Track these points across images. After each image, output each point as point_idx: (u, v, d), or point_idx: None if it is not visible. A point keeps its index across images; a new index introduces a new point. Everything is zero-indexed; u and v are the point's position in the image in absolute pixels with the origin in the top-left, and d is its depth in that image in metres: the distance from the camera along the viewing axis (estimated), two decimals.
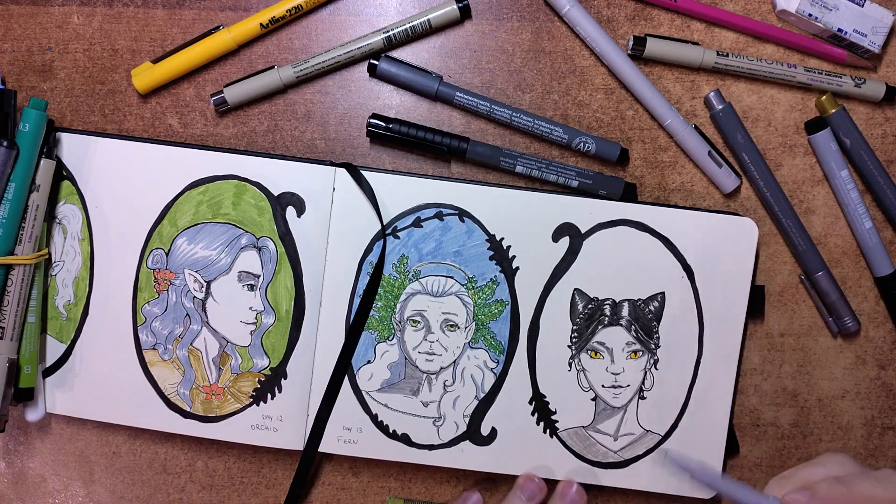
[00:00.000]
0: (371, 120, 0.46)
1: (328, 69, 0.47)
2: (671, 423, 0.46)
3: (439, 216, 0.45)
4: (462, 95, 0.46)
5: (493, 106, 0.46)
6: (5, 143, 0.41)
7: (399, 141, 0.46)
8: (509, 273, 0.46)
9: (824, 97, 0.46)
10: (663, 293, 0.45)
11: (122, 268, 0.46)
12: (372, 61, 0.46)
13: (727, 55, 0.46)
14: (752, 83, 0.47)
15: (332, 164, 0.45)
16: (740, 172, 0.47)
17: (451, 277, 0.46)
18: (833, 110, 0.46)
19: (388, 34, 0.46)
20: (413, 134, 0.45)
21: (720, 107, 0.46)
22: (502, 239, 0.45)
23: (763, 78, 0.46)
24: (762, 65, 0.46)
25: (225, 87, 0.46)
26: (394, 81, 0.47)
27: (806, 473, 0.38)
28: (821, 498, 0.35)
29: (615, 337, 0.46)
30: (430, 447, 0.46)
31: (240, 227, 0.46)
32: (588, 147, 0.46)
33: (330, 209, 0.45)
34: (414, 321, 0.46)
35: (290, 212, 0.45)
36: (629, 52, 0.46)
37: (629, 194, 0.46)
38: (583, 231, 0.45)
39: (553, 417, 0.46)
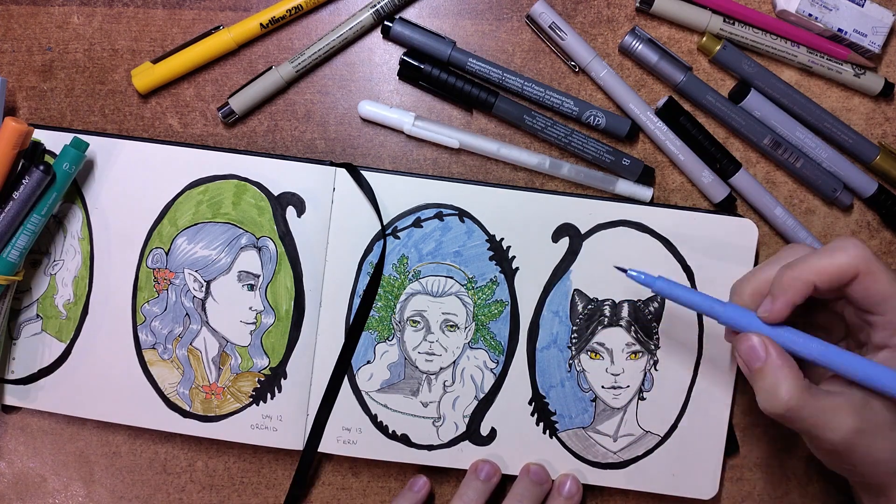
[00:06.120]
0: (404, 57, 0.46)
1: (325, 56, 0.46)
2: (671, 424, 0.46)
3: (439, 216, 0.45)
4: (475, 62, 0.46)
5: (505, 74, 0.46)
6: (41, 168, 0.41)
7: (428, 81, 0.46)
8: (509, 273, 0.46)
9: (704, 38, 0.46)
10: None
11: (122, 267, 0.46)
12: (386, 23, 0.46)
13: (733, 23, 0.46)
14: (753, 57, 0.47)
15: (332, 164, 0.45)
16: (729, 187, 0.47)
17: (451, 278, 0.46)
18: (717, 47, 0.46)
19: (375, 7, 0.46)
20: (443, 79, 0.45)
21: (638, 46, 0.46)
22: (502, 239, 0.45)
23: (765, 52, 0.46)
24: (766, 38, 0.46)
25: (229, 97, 0.46)
26: (407, 44, 0.46)
27: (766, 268, 0.39)
28: (780, 289, 0.36)
29: (615, 338, 0.46)
30: (430, 447, 0.46)
31: (240, 227, 0.46)
32: (598, 121, 0.46)
33: (330, 209, 0.45)
34: (414, 321, 0.46)
35: (290, 212, 0.45)
36: (637, 4, 0.46)
37: (646, 177, 0.46)
38: (582, 231, 0.45)
39: (553, 418, 0.46)
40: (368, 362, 0.46)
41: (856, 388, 0.36)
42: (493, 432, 0.46)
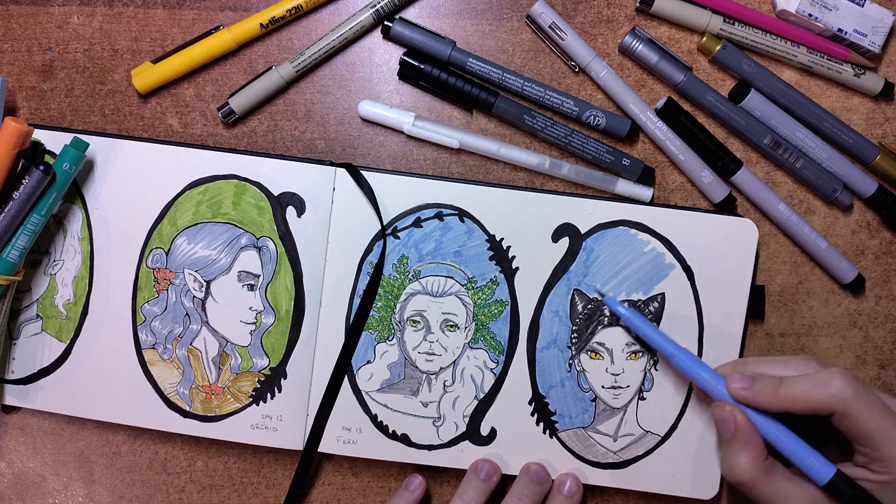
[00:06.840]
0: (404, 57, 0.46)
1: (325, 56, 0.46)
2: (671, 424, 0.46)
3: (439, 216, 0.45)
4: (475, 62, 0.46)
5: (505, 74, 0.46)
6: (41, 168, 0.41)
7: (428, 81, 0.46)
8: (509, 273, 0.46)
9: (704, 38, 0.46)
10: (663, 294, 0.45)
11: (122, 267, 0.46)
12: (386, 23, 0.46)
13: (733, 23, 0.46)
14: (753, 57, 0.47)
15: (332, 164, 0.45)
16: (729, 187, 0.47)
17: (451, 277, 0.46)
18: (717, 47, 0.46)
19: (375, 7, 0.46)
20: (443, 79, 0.45)
21: (638, 46, 0.46)
22: (502, 239, 0.45)
23: (765, 53, 0.46)
24: (766, 38, 0.46)
25: (229, 97, 0.46)
26: (407, 44, 0.46)
27: (763, 367, 0.40)
28: (753, 390, 0.39)
29: (615, 337, 0.46)
30: (430, 447, 0.46)
31: (240, 227, 0.46)
32: (598, 121, 0.46)
33: (330, 209, 0.45)
34: (414, 321, 0.46)
35: (290, 212, 0.45)
36: (637, 4, 0.46)
37: (646, 177, 0.46)
38: (582, 231, 0.45)
39: (553, 418, 0.46)
40: (368, 362, 0.46)
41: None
42: (493, 432, 0.46)
